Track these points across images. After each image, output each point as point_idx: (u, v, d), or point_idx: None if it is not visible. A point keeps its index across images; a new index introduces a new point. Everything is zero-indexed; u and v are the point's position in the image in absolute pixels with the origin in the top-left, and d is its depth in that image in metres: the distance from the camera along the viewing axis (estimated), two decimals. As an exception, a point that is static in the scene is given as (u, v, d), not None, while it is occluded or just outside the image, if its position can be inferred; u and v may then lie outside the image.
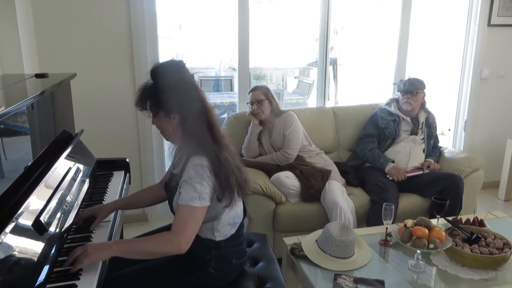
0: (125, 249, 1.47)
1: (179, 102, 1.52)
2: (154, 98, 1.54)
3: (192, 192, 1.47)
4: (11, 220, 1.26)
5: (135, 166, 3.18)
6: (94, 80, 3.01)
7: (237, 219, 1.68)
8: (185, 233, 1.47)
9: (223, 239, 1.63)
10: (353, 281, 1.80)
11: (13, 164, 1.50)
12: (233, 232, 1.67)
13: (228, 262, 1.66)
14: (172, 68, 1.56)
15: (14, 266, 1.19)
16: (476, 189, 3.06)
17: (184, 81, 1.55)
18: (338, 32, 6.95)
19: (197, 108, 1.53)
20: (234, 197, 1.55)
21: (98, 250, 1.42)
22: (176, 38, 8.59)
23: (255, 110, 2.93)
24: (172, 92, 1.51)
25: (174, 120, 1.55)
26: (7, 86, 1.84)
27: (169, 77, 1.53)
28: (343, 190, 2.75)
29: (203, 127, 1.53)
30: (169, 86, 1.52)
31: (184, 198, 1.48)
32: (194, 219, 1.49)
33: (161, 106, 1.54)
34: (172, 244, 1.46)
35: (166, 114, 1.55)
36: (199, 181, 1.47)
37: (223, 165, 1.50)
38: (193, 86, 1.56)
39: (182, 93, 1.53)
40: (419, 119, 3.11)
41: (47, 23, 2.86)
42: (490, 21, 3.74)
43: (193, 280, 1.61)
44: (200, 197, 1.47)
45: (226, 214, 1.60)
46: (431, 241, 1.86)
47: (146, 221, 3.38)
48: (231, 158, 1.56)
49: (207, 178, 1.47)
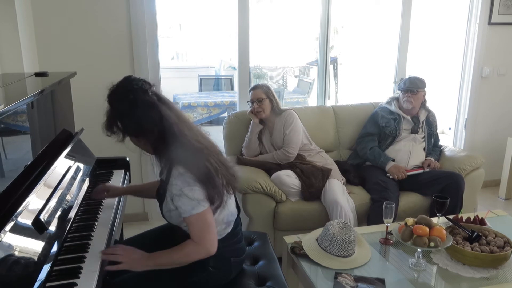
0: (158, 263, 1.55)
1: (138, 125, 1.50)
2: (118, 124, 1.53)
3: (188, 202, 1.48)
4: (10, 219, 1.26)
5: (135, 165, 3.18)
6: (94, 79, 3.00)
7: (231, 217, 1.68)
8: (207, 240, 1.52)
9: (219, 238, 1.62)
10: (353, 280, 1.80)
11: (13, 163, 1.50)
12: (229, 230, 1.67)
13: (227, 260, 1.66)
14: (124, 91, 1.52)
15: (14, 264, 1.19)
16: (477, 187, 3.06)
17: (137, 101, 1.49)
18: (338, 31, 6.95)
19: (157, 124, 1.49)
20: (224, 196, 1.55)
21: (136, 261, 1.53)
22: (176, 37, 8.59)
23: (255, 109, 2.93)
24: (130, 117, 1.49)
25: (141, 140, 1.56)
26: (6, 85, 1.84)
27: (123, 102, 1.50)
28: (343, 188, 2.75)
29: (178, 134, 1.50)
30: (125, 111, 1.49)
31: (186, 211, 1.49)
32: (206, 224, 1.51)
33: (125, 131, 1.54)
34: (200, 253, 1.52)
35: (134, 136, 1.56)
36: (189, 188, 1.47)
37: (204, 167, 1.50)
38: (149, 103, 1.50)
39: (139, 115, 1.49)
40: (420, 117, 3.11)
41: (47, 21, 2.85)
42: (490, 19, 3.73)
43: (195, 281, 1.61)
44: (199, 202, 1.48)
45: (218, 215, 1.60)
46: (432, 240, 1.86)
47: (146, 220, 3.37)
48: (212, 158, 1.54)
49: (193, 183, 1.48)
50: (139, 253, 1.57)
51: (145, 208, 3.38)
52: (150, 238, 1.90)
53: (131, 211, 3.26)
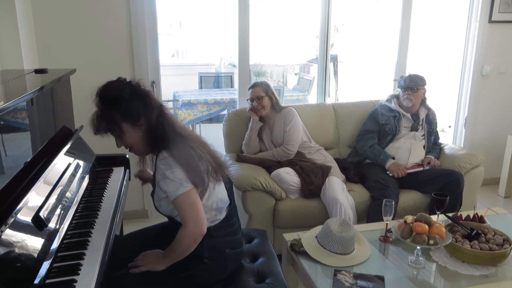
0: (172, 258, 1.60)
1: (141, 107, 1.59)
2: (115, 115, 1.58)
3: (171, 183, 1.52)
4: (10, 216, 1.26)
5: (135, 162, 3.17)
6: (94, 76, 2.99)
7: (220, 203, 1.70)
8: (194, 219, 1.53)
9: (212, 225, 1.64)
10: (353, 277, 1.80)
11: (12, 160, 1.50)
12: (221, 218, 1.69)
13: (222, 252, 1.67)
14: (116, 83, 1.64)
15: (13, 261, 1.19)
16: (476, 185, 3.06)
17: (134, 88, 1.60)
18: (338, 28, 6.94)
19: (156, 108, 1.61)
20: (207, 181, 1.59)
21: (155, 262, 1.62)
22: (176, 35, 8.58)
23: (255, 106, 2.93)
24: (131, 101, 1.58)
25: (142, 126, 1.60)
26: (6, 82, 1.84)
27: (122, 90, 1.59)
28: (343, 186, 2.75)
29: (165, 124, 1.60)
30: (124, 98, 1.57)
31: (171, 193, 1.53)
32: (191, 203, 1.54)
33: (125, 119, 1.58)
34: (191, 234, 1.55)
35: (133, 123, 1.59)
36: (170, 171, 1.52)
37: (187, 152, 1.56)
38: (145, 90, 1.63)
39: (139, 99, 1.59)
40: (420, 115, 3.11)
41: (47, 18, 2.85)
42: (491, 17, 3.73)
43: (192, 274, 1.62)
44: (181, 183, 1.52)
45: (206, 200, 1.63)
46: (431, 237, 1.86)
47: (146, 218, 3.38)
48: (196, 145, 1.61)
49: (175, 165, 1.52)
50: (154, 254, 1.65)
51: (144, 205, 3.38)
52: (149, 234, 1.91)
53: (131, 208, 3.26)
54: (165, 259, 1.61)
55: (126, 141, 1.64)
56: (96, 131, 1.63)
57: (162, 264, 1.61)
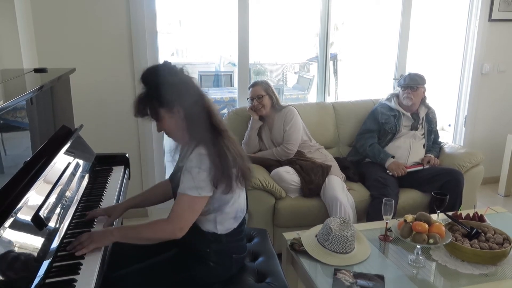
0: (125, 234, 1.55)
1: (179, 94, 1.54)
2: (154, 100, 1.54)
3: (190, 181, 1.49)
4: (10, 215, 1.25)
5: (135, 161, 3.18)
6: (93, 75, 3.00)
7: (240, 213, 1.68)
8: (180, 222, 1.51)
9: (224, 233, 1.63)
10: (353, 276, 1.80)
11: (12, 159, 1.50)
12: (235, 226, 1.67)
13: (228, 257, 1.66)
14: (161, 67, 1.58)
15: (13, 260, 1.19)
16: (476, 184, 3.06)
17: (177, 74, 1.56)
18: (338, 27, 6.93)
19: (196, 96, 1.57)
20: (232, 184, 1.55)
21: (102, 236, 1.50)
22: (176, 34, 8.56)
23: (255, 105, 2.93)
24: (171, 88, 1.52)
25: (179, 113, 1.55)
26: (6, 81, 1.84)
27: (163, 76, 1.54)
28: (343, 185, 2.75)
29: (204, 115, 1.55)
30: (165, 84, 1.52)
31: (183, 187, 1.50)
32: (191, 209, 1.51)
33: (163, 105, 1.54)
34: (166, 232, 1.52)
35: (170, 110, 1.54)
36: (198, 170, 1.48)
37: (222, 152, 1.52)
38: (187, 77, 1.58)
39: (180, 86, 1.54)
40: (420, 114, 3.11)
41: (46, 17, 2.84)
42: (491, 16, 3.72)
43: (193, 274, 1.62)
44: (197, 187, 1.48)
45: (229, 207, 1.60)
46: (431, 236, 1.86)
47: (146, 216, 3.38)
48: (232, 146, 1.57)
49: (206, 167, 1.48)
50: (103, 229, 1.59)
51: (144, 204, 3.38)
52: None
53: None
54: (116, 233, 1.53)
55: (164, 127, 1.59)
56: (136, 113, 1.58)
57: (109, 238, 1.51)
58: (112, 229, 1.56)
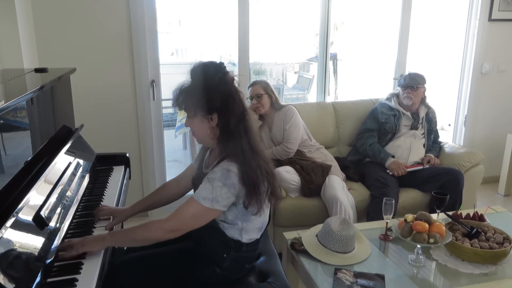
0: (118, 238, 1.53)
1: (221, 102, 1.49)
2: (194, 98, 1.50)
3: (208, 192, 1.45)
4: (11, 215, 1.26)
5: (135, 161, 3.18)
6: (94, 75, 3.00)
7: (264, 224, 1.67)
8: (179, 223, 1.48)
9: (247, 242, 1.61)
10: (353, 276, 1.80)
11: (12, 159, 1.50)
12: (258, 237, 1.66)
13: (241, 265, 1.66)
14: (213, 68, 1.52)
15: (14, 260, 1.19)
16: (476, 184, 3.06)
17: (225, 82, 1.51)
18: (338, 27, 6.92)
19: (238, 110, 1.51)
20: (262, 204, 1.52)
21: (93, 241, 1.48)
22: (175, 33, 8.56)
23: (254, 104, 2.93)
24: (214, 92, 1.48)
25: (212, 121, 1.51)
26: (6, 81, 1.84)
27: (211, 77, 1.49)
28: (343, 185, 2.75)
29: (241, 130, 1.50)
30: (210, 86, 1.49)
31: (198, 194, 1.47)
32: (196, 217, 1.48)
33: (201, 107, 1.50)
34: (160, 230, 1.49)
35: (205, 114, 1.51)
36: (220, 184, 1.44)
37: (254, 173, 1.47)
38: (234, 88, 1.53)
39: (223, 94, 1.49)
40: (420, 114, 3.11)
41: (46, 17, 2.84)
42: (491, 15, 3.73)
43: (197, 275, 1.61)
44: (213, 200, 1.45)
45: (256, 219, 1.59)
46: (431, 236, 1.86)
47: (146, 217, 3.37)
48: (264, 164, 1.52)
49: (230, 184, 1.44)
50: (96, 235, 1.56)
51: (145, 204, 3.38)
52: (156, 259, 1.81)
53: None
54: (110, 237, 1.50)
55: (193, 126, 1.56)
56: (173, 102, 1.56)
57: (103, 242, 1.48)
58: (104, 234, 1.52)
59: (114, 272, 1.55)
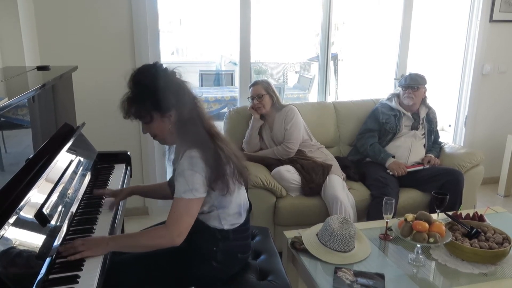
0: (121, 244, 1.53)
1: (174, 98, 1.52)
2: (147, 103, 1.52)
3: (184, 184, 1.48)
4: (13, 213, 1.26)
5: (136, 159, 3.18)
6: (95, 73, 3.01)
7: (242, 207, 1.68)
8: (178, 227, 1.49)
9: (231, 228, 1.63)
10: (353, 275, 1.81)
11: (14, 157, 1.50)
12: (241, 221, 1.67)
13: (234, 256, 1.67)
14: (153, 69, 1.55)
15: (16, 257, 1.20)
16: (476, 184, 3.07)
17: (170, 77, 1.55)
18: (339, 27, 6.93)
19: (190, 100, 1.56)
20: (229, 185, 1.54)
21: (96, 245, 1.47)
22: (176, 33, 8.57)
23: (256, 104, 2.93)
24: (165, 91, 1.51)
25: (171, 118, 1.54)
26: (8, 79, 1.84)
27: (155, 78, 1.52)
28: (343, 184, 2.76)
29: (195, 117, 1.55)
30: (159, 86, 1.50)
31: (178, 191, 1.50)
32: (187, 212, 1.50)
33: (157, 108, 1.52)
34: (165, 238, 1.49)
35: (163, 114, 1.54)
36: (191, 172, 1.47)
37: (216, 154, 1.51)
38: (180, 80, 1.57)
39: (174, 89, 1.53)
40: (420, 114, 3.11)
41: (48, 15, 2.85)
42: (492, 16, 3.73)
43: (194, 272, 1.62)
44: (192, 189, 1.47)
45: (230, 203, 1.61)
46: (431, 235, 1.87)
47: (146, 215, 3.38)
48: (225, 146, 1.56)
49: (200, 169, 1.47)
50: (98, 238, 1.55)
51: (145, 202, 3.39)
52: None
53: (132, 205, 3.27)
54: (112, 242, 1.50)
55: (152, 130, 1.59)
56: (125, 115, 1.57)
57: (105, 248, 1.47)
58: (107, 239, 1.52)
59: (113, 270, 1.56)
